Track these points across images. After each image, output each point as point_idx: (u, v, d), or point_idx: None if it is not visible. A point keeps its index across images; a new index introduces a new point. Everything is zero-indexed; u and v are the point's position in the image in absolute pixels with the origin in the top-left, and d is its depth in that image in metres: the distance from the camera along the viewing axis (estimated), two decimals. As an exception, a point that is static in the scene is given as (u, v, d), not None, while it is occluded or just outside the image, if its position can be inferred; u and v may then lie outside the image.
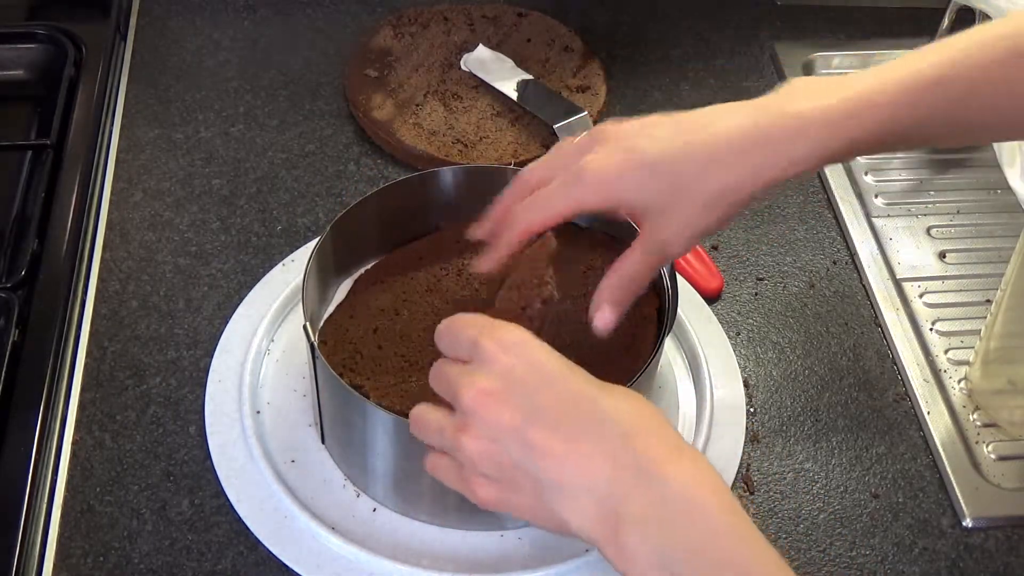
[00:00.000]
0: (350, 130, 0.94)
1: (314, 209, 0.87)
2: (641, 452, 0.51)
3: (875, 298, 0.84)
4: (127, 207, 0.86)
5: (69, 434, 0.72)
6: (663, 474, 0.50)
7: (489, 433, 0.53)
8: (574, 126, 0.91)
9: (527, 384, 0.53)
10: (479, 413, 0.53)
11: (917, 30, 1.03)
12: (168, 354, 0.77)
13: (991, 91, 0.59)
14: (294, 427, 0.72)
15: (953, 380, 0.80)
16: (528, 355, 0.54)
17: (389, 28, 1.01)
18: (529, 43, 1.00)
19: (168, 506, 0.69)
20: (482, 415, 0.53)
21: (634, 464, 0.51)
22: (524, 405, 0.52)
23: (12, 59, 0.96)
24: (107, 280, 0.81)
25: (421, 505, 0.68)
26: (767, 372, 0.80)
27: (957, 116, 0.60)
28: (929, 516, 0.72)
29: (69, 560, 0.66)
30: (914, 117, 0.59)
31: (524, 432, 0.52)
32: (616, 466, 0.51)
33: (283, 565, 0.66)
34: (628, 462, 0.51)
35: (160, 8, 1.03)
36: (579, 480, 0.51)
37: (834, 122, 0.59)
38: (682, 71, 1.02)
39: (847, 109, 0.59)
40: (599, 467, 0.51)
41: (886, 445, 0.76)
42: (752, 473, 0.73)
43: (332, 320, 0.72)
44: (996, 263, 0.87)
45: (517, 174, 0.66)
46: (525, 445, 0.52)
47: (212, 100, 0.95)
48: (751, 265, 0.86)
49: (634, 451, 0.51)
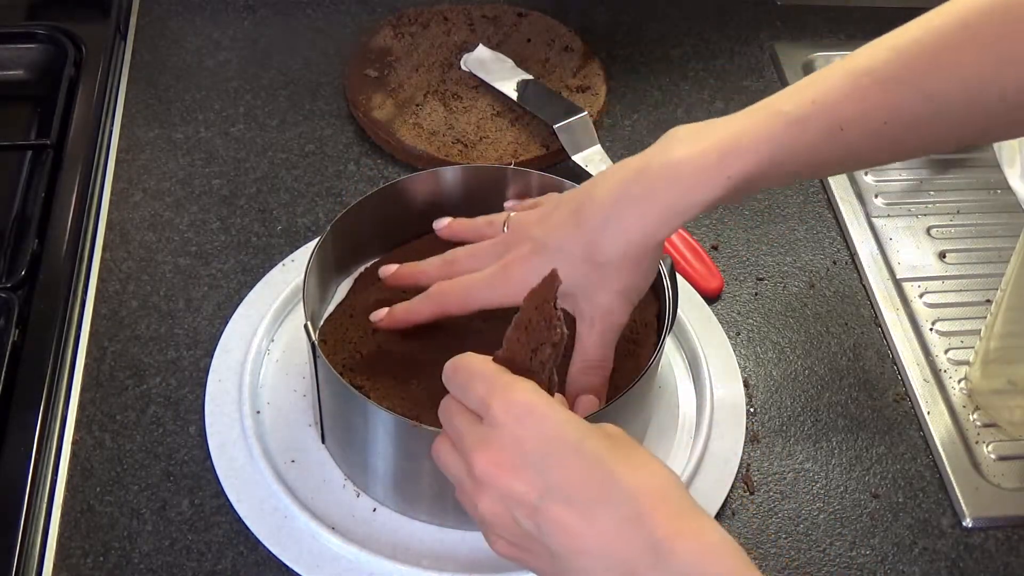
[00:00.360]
0: (350, 130, 0.94)
1: (314, 209, 0.87)
2: (654, 530, 0.50)
3: (875, 298, 0.84)
4: (127, 207, 0.86)
5: (69, 434, 0.72)
6: (675, 551, 0.49)
7: (503, 503, 0.53)
8: (574, 126, 0.91)
9: (539, 457, 0.52)
10: (492, 484, 0.53)
11: (917, 30, 1.04)
12: (168, 354, 0.77)
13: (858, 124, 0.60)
14: (294, 427, 0.72)
15: (953, 380, 0.80)
16: (539, 426, 0.53)
17: (389, 28, 1.01)
18: (529, 43, 1.00)
19: (168, 506, 0.69)
20: (495, 485, 0.53)
21: (649, 542, 0.50)
22: (536, 480, 0.52)
23: (12, 59, 0.96)
24: (107, 280, 0.81)
25: (421, 505, 0.68)
26: (767, 372, 0.80)
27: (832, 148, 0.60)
28: (929, 516, 0.72)
29: (69, 560, 0.66)
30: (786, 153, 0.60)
31: (538, 507, 0.51)
32: (630, 547, 0.50)
33: (283, 565, 0.66)
34: (641, 542, 0.50)
35: (160, 8, 1.03)
36: (594, 558, 0.50)
37: (708, 166, 0.60)
38: (682, 71, 1.02)
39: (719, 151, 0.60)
40: (613, 546, 0.50)
41: (886, 445, 0.76)
42: (752, 473, 0.73)
43: (331, 320, 0.72)
44: (996, 263, 0.87)
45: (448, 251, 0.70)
46: (539, 519, 0.51)
47: (212, 100, 0.95)
48: (751, 265, 0.86)
49: (649, 529, 0.50)
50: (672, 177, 0.61)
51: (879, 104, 0.59)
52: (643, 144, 0.94)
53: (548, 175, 0.76)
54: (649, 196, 0.61)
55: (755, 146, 0.60)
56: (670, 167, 0.61)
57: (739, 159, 0.60)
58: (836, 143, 0.60)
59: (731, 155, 0.60)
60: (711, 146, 0.60)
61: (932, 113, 0.59)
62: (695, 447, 0.73)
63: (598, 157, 0.90)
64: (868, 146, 0.61)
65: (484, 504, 0.54)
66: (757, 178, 0.61)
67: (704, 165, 0.60)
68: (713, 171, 0.60)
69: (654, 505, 0.51)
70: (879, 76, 0.59)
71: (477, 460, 0.53)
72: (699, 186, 0.60)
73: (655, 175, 0.61)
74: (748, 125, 0.61)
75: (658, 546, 0.49)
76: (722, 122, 0.62)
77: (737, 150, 0.60)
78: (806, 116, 0.60)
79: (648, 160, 0.62)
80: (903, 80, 0.59)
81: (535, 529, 0.52)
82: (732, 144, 0.60)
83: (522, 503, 0.52)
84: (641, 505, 0.50)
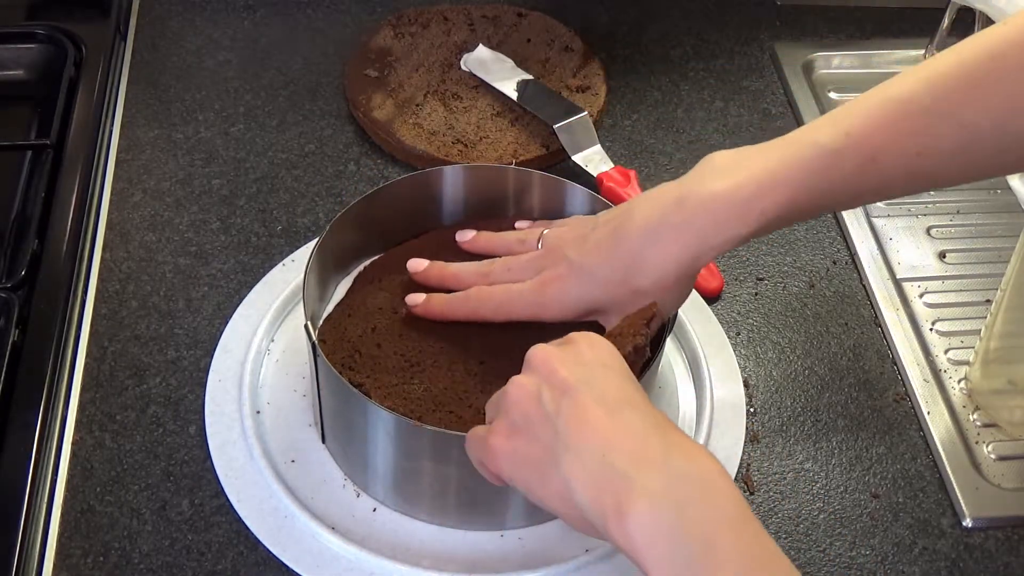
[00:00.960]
0: (350, 130, 0.94)
1: (314, 209, 0.87)
2: (671, 440, 0.52)
3: (875, 298, 0.84)
4: (127, 207, 0.86)
5: (69, 434, 0.72)
6: (688, 459, 0.51)
7: (537, 379, 0.56)
8: (574, 126, 0.91)
9: (592, 368, 0.56)
10: (540, 365, 0.56)
11: (917, 30, 1.04)
12: (168, 354, 0.77)
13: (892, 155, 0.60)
14: (294, 427, 0.72)
15: (953, 380, 0.80)
16: (603, 348, 0.58)
17: (389, 28, 1.01)
18: (529, 43, 1.00)
19: (168, 506, 0.69)
20: (541, 367, 0.56)
21: (661, 447, 0.52)
22: (582, 375, 0.55)
23: (12, 59, 0.96)
24: (107, 280, 0.81)
25: (421, 505, 0.68)
26: (767, 372, 0.80)
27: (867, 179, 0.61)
28: (929, 516, 0.72)
29: (69, 560, 0.66)
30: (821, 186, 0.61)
31: (569, 390, 0.54)
32: (643, 445, 0.52)
33: (283, 565, 0.66)
34: (655, 444, 0.52)
35: (160, 8, 1.03)
36: (598, 446, 0.52)
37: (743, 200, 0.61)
38: (682, 71, 1.02)
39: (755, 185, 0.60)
40: (624, 441, 0.52)
41: (886, 445, 0.76)
42: (752, 473, 0.73)
43: (330, 319, 0.72)
44: (996, 263, 0.87)
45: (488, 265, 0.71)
46: (565, 401, 0.54)
47: (212, 100, 0.95)
48: (751, 265, 0.86)
49: (665, 438, 0.52)
50: (709, 211, 0.61)
51: (912, 134, 0.59)
52: (643, 144, 0.95)
53: (548, 175, 0.77)
54: (686, 228, 0.62)
55: (790, 180, 0.60)
56: (707, 200, 0.61)
57: (774, 193, 0.60)
58: (870, 174, 0.60)
59: (766, 189, 0.60)
60: (747, 179, 0.61)
61: (965, 143, 0.59)
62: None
63: (598, 157, 0.90)
64: (902, 177, 0.61)
65: (517, 383, 0.56)
66: (792, 212, 0.61)
67: (740, 199, 0.61)
68: (748, 206, 0.61)
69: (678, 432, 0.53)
70: (911, 107, 0.60)
71: (538, 353, 0.57)
72: (734, 220, 0.61)
73: (692, 208, 0.62)
74: (784, 157, 0.61)
75: (671, 453, 0.51)
76: (759, 151, 0.62)
77: (773, 184, 0.60)
78: (841, 148, 0.60)
79: (686, 190, 0.63)
80: (934, 111, 0.59)
81: (554, 409, 0.54)
82: (768, 178, 0.60)
83: (557, 383, 0.55)
84: (667, 424, 0.53)
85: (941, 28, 0.93)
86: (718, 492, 0.51)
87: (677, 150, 0.95)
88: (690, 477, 0.51)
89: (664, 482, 0.50)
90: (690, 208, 0.62)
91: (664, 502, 0.50)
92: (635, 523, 0.50)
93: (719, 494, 0.51)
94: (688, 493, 0.50)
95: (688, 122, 0.97)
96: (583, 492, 0.52)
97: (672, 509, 0.50)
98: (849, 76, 1.04)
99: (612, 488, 0.51)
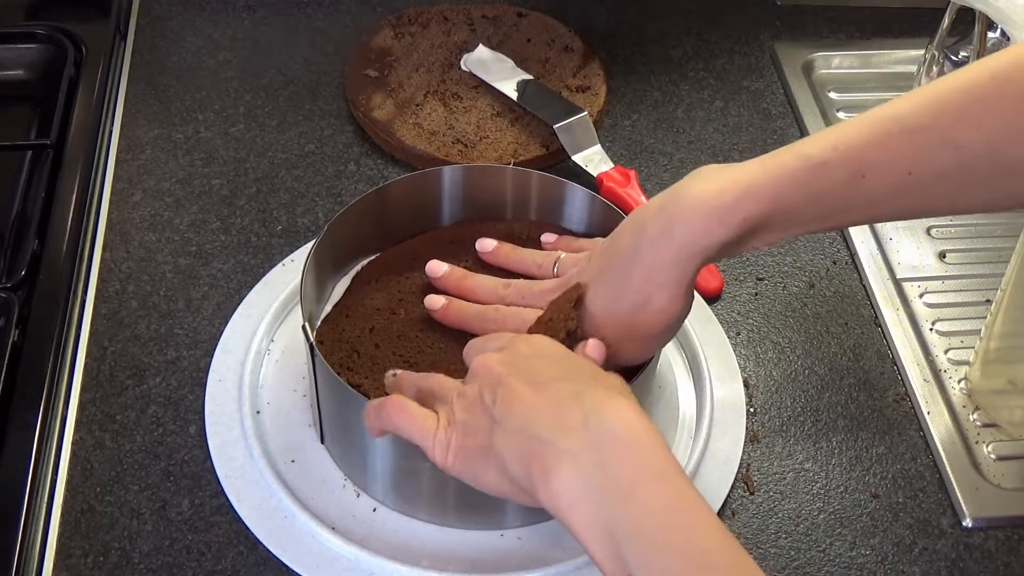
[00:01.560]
0: (350, 130, 0.94)
1: (314, 209, 0.87)
2: (596, 402, 0.54)
3: (875, 298, 0.84)
4: (127, 207, 0.86)
5: (69, 434, 0.72)
6: (610, 419, 0.53)
7: (478, 384, 0.58)
8: (574, 126, 0.91)
9: (531, 359, 0.59)
10: (479, 369, 0.59)
11: (917, 30, 1.04)
12: (168, 354, 0.77)
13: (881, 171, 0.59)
14: (294, 427, 0.72)
15: (953, 380, 0.80)
16: (540, 341, 0.61)
17: (389, 28, 1.01)
18: (529, 43, 1.00)
19: (168, 506, 0.69)
20: (480, 371, 0.59)
21: (581, 412, 0.54)
22: (516, 364, 0.58)
23: (12, 59, 0.96)
24: (107, 280, 0.81)
25: (421, 504, 0.68)
26: (767, 372, 0.80)
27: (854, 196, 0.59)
28: (929, 516, 0.72)
29: (69, 560, 0.66)
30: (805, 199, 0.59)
31: (502, 380, 0.57)
32: (565, 411, 0.54)
33: (283, 565, 0.66)
34: (575, 409, 0.54)
35: (160, 8, 1.03)
36: (524, 419, 0.55)
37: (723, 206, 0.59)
38: (682, 71, 1.02)
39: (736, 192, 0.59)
40: (547, 410, 0.55)
41: (886, 445, 0.76)
42: (752, 473, 0.73)
43: (329, 320, 0.72)
44: (996, 263, 0.87)
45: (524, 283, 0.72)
46: (498, 391, 0.56)
47: (212, 100, 0.95)
48: (751, 265, 0.86)
49: (588, 402, 0.54)
50: (686, 218, 0.60)
51: (903, 151, 0.58)
52: (643, 144, 0.95)
53: (548, 175, 0.76)
54: (666, 237, 0.61)
55: (774, 188, 0.59)
56: (689, 205, 0.60)
57: (757, 199, 0.59)
58: (858, 191, 0.59)
59: (749, 195, 0.59)
60: (730, 184, 0.59)
61: (957, 165, 0.58)
62: (695, 447, 0.73)
63: (598, 157, 0.90)
64: (891, 197, 0.60)
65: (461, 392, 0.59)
66: (775, 222, 0.60)
67: (721, 203, 0.59)
68: (730, 211, 0.59)
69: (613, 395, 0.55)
70: (905, 124, 0.58)
71: (476, 360, 0.60)
72: (715, 224, 0.59)
73: (673, 212, 0.61)
74: (770, 166, 0.60)
75: (587, 413, 0.54)
76: (746, 163, 0.61)
77: (757, 190, 0.59)
78: (827, 160, 0.58)
79: (666, 199, 0.62)
80: (929, 128, 0.58)
81: (490, 400, 0.57)
82: (752, 184, 0.59)
83: (493, 380, 0.57)
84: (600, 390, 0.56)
85: (941, 28, 0.93)
86: (638, 448, 0.52)
87: (677, 150, 0.95)
88: (612, 437, 0.53)
89: (584, 443, 0.53)
90: (669, 214, 0.61)
91: (584, 462, 0.52)
92: (559, 486, 0.52)
93: (639, 449, 0.52)
94: (608, 452, 0.52)
95: (688, 122, 0.97)
96: (514, 464, 0.55)
97: (592, 468, 0.52)
98: (849, 76, 1.04)
99: (538, 455, 0.54)
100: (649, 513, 0.50)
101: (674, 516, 0.50)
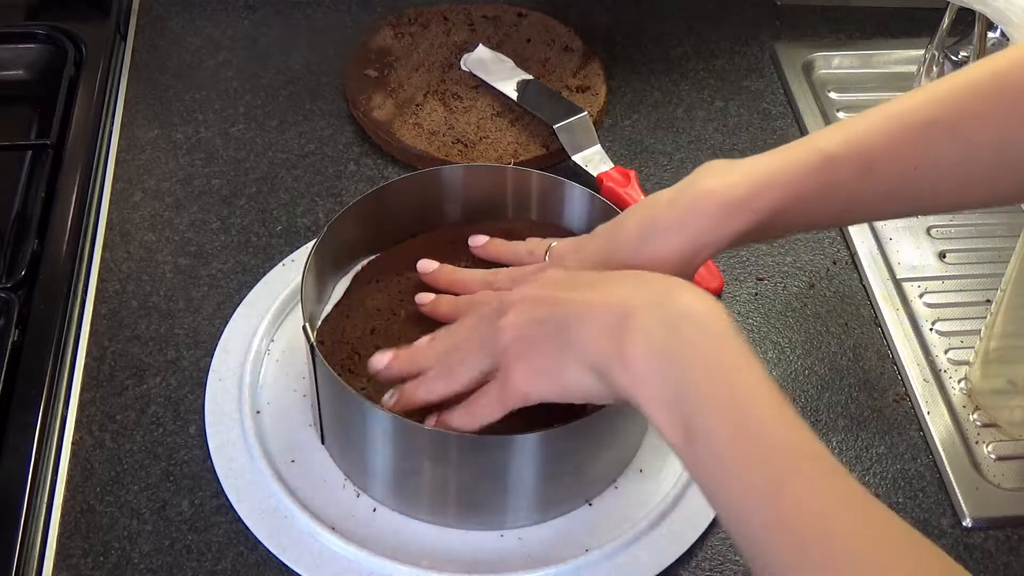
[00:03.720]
0: (350, 130, 0.94)
1: (314, 209, 0.87)
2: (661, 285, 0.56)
3: (875, 298, 0.84)
4: (127, 207, 0.86)
5: (69, 434, 0.72)
6: (675, 297, 0.55)
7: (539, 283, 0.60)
8: (574, 126, 0.91)
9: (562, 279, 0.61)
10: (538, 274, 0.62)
11: (917, 30, 1.04)
12: (168, 354, 0.77)
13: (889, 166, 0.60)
14: (294, 427, 0.72)
15: (953, 380, 0.80)
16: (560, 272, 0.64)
17: (389, 28, 1.01)
18: (529, 43, 1.00)
19: (168, 506, 0.69)
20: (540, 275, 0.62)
21: (651, 292, 0.56)
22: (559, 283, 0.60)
23: (12, 59, 0.96)
24: (107, 280, 0.81)
25: (421, 505, 0.68)
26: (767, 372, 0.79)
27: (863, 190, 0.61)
28: (929, 516, 0.72)
29: (69, 560, 0.66)
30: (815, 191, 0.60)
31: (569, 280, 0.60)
32: (634, 293, 0.56)
33: (283, 565, 0.66)
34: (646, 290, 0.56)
35: (160, 8, 1.04)
36: (597, 305, 0.56)
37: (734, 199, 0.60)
38: (682, 71, 1.02)
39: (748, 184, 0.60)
40: (617, 293, 0.56)
41: (886, 445, 0.76)
42: (752, 473, 0.73)
43: (329, 320, 0.72)
44: (996, 263, 0.87)
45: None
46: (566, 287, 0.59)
47: (212, 100, 0.95)
48: (751, 265, 0.86)
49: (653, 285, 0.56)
50: (699, 210, 0.61)
51: (910, 146, 0.59)
52: (643, 144, 0.95)
53: (548, 175, 0.76)
54: (678, 226, 0.62)
55: (784, 181, 0.60)
56: (699, 198, 0.61)
57: (767, 192, 0.60)
58: (867, 185, 0.60)
59: (759, 188, 0.60)
60: (741, 178, 0.60)
61: (963, 159, 0.59)
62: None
63: (598, 157, 0.90)
64: (898, 192, 0.61)
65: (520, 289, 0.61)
66: (786, 214, 0.61)
67: (732, 197, 0.60)
68: (740, 203, 0.60)
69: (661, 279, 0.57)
70: (913, 118, 0.60)
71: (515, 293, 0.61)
72: (725, 217, 0.60)
73: (684, 206, 0.62)
74: (780, 159, 0.61)
75: (660, 295, 0.55)
76: (755, 157, 0.62)
77: (767, 183, 0.60)
78: (837, 153, 0.60)
79: (678, 192, 0.62)
80: (935, 122, 0.59)
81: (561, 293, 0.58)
82: (762, 177, 0.60)
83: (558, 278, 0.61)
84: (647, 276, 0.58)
85: (941, 28, 0.93)
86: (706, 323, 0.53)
87: (677, 150, 0.95)
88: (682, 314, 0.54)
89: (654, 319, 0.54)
90: (682, 206, 0.62)
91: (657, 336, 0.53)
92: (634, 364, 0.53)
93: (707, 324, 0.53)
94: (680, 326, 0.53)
95: (688, 122, 0.97)
96: (590, 344, 0.55)
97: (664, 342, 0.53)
98: (849, 76, 1.04)
99: (611, 337, 0.54)
100: (720, 373, 0.52)
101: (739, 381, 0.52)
